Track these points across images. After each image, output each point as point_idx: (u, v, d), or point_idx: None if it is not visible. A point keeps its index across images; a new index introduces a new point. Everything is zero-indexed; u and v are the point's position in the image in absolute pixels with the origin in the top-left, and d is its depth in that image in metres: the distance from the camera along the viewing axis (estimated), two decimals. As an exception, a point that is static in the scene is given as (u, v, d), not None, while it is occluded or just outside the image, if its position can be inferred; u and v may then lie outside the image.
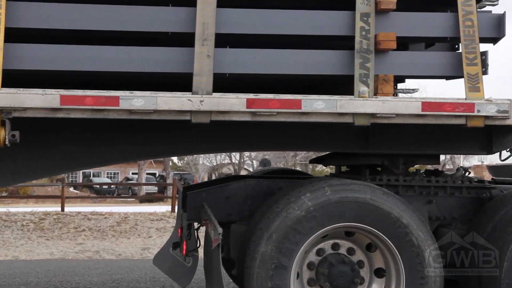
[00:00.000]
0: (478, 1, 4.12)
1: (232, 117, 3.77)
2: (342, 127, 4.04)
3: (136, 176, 40.26)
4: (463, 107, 3.88)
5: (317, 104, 3.77)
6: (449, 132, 4.36)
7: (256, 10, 3.89)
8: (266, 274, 3.83)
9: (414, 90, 5.02)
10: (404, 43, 4.35)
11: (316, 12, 3.94)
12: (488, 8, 4.39)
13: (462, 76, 3.97)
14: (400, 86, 5.05)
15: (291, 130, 4.45)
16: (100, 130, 4.35)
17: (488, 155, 4.76)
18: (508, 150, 4.78)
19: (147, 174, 38.65)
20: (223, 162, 47.00)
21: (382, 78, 3.87)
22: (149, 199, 29.66)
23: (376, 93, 3.86)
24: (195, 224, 5.09)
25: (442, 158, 6.30)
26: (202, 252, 5.16)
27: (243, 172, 39.89)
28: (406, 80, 4.91)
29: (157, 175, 45.79)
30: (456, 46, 4.57)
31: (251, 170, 38.34)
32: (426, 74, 4.16)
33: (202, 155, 37.85)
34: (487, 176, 8.57)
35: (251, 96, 3.73)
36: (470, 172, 4.89)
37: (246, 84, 4.53)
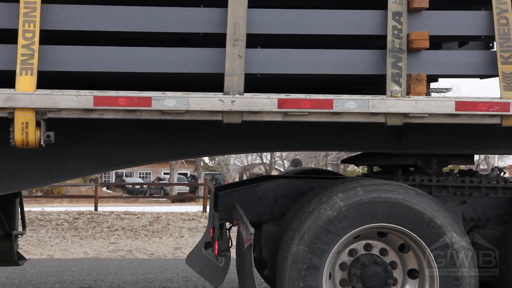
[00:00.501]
0: (513, -2, 4.06)
1: (264, 117, 3.77)
2: (374, 127, 4.01)
3: (168, 176, 40.52)
4: (498, 106, 3.82)
5: (349, 104, 3.75)
6: (483, 131, 4.29)
7: (287, 10, 3.89)
8: (298, 274, 3.82)
9: (447, 90, 4.96)
10: (437, 42, 4.30)
11: (347, 12, 3.92)
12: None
13: (497, 75, 3.91)
14: (432, 85, 5.00)
15: (322, 130, 4.44)
16: (132, 130, 4.39)
17: (524, 155, 4.69)
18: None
19: (179, 174, 38.86)
20: (254, 162, 47.04)
21: (414, 77, 3.83)
22: (181, 199, 29.83)
23: (408, 92, 3.82)
24: (227, 224, 5.10)
25: (476, 158, 6.20)
26: (234, 252, 5.17)
27: (274, 172, 39.86)
28: (439, 79, 4.86)
29: (188, 175, 46.02)
30: (491, 45, 4.50)
31: (282, 170, 38.30)
32: (459, 73, 4.11)
33: (233, 155, 37.91)
34: (523, 176, 8.44)
35: (283, 96, 3.73)
36: (505, 172, 4.81)
37: (275, 84, 4.53)
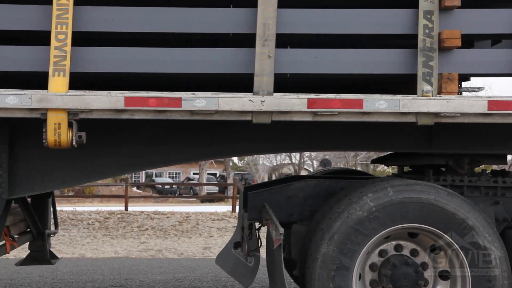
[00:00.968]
0: (548, -5, 3.99)
1: (293, 117, 3.76)
2: (404, 126, 3.98)
3: (197, 176, 40.74)
4: (531, 106, 3.76)
5: (379, 104, 3.73)
6: (517, 131, 4.24)
7: (317, 9, 3.87)
8: (327, 274, 3.81)
9: (479, 89, 4.89)
10: (469, 41, 4.25)
11: (378, 11, 3.89)
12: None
13: (530, 74, 3.85)
14: (464, 84, 4.93)
15: (352, 130, 4.42)
16: (162, 130, 4.42)
17: (558, 155, 4.60)
18: None
19: (208, 174, 39.08)
20: (283, 162, 47.03)
21: (446, 76, 3.79)
22: (210, 199, 29.96)
23: (440, 92, 3.78)
24: (257, 224, 5.10)
25: (509, 158, 6.11)
26: (264, 252, 5.18)
27: (303, 172, 39.79)
28: (471, 78, 4.80)
29: (217, 175, 46.20)
30: (524, 43, 4.43)
31: (311, 170, 38.21)
32: (492, 72, 4.05)
33: (262, 155, 37.93)
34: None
35: (312, 96, 3.72)
36: (539, 173, 4.73)
37: (304, 84, 4.52)
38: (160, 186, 37.22)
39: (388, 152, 5.43)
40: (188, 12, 3.85)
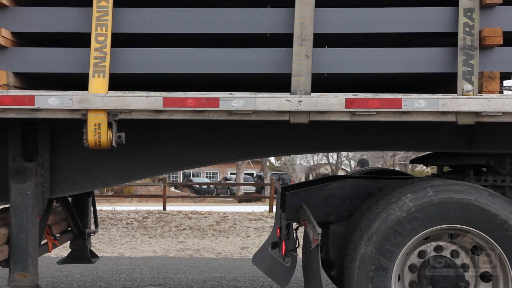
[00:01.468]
0: None
1: (331, 117, 3.75)
2: (444, 126, 3.93)
3: (234, 176, 40.85)
4: None
5: (418, 103, 3.69)
6: (560, 130, 4.14)
7: (355, 9, 3.85)
8: (366, 275, 3.79)
9: (521, 87, 4.80)
10: (511, 39, 4.17)
11: (417, 9, 3.85)
12: None
13: None
14: (506, 83, 4.85)
15: (390, 129, 4.38)
16: (200, 130, 4.45)
17: None
18: None
19: (245, 174, 39.13)
20: (320, 162, 46.88)
21: (487, 75, 3.73)
22: (247, 199, 30.01)
23: (480, 91, 3.72)
24: (294, 224, 5.09)
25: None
26: (301, 252, 5.16)
27: (340, 173, 39.61)
28: (513, 77, 4.71)
29: (254, 175, 46.28)
30: None
31: (349, 170, 38.02)
32: (535, 69, 3.97)
33: (299, 155, 37.89)
34: None
35: (350, 95, 3.70)
36: None
37: (340, 84, 4.50)
38: (197, 186, 37.42)
39: (427, 152, 5.36)
40: (226, 13, 3.86)
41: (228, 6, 3.90)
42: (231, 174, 47.69)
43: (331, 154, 39.55)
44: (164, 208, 18.21)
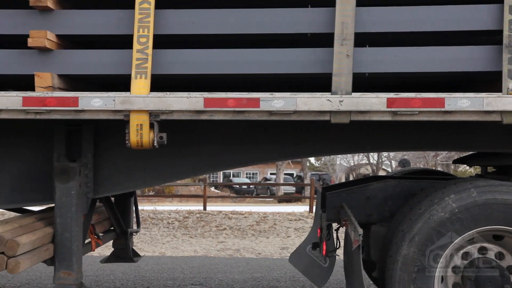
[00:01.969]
0: None
1: (372, 117, 3.72)
2: (488, 125, 3.86)
3: (274, 176, 40.86)
4: None
5: (461, 102, 3.63)
6: None
7: (397, 7, 3.81)
8: (408, 277, 3.74)
9: None
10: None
11: (460, 7, 3.79)
12: None
13: None
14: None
15: (432, 129, 4.32)
16: (240, 130, 4.46)
17: None
18: None
19: (285, 174, 39.11)
20: (361, 163, 46.57)
21: (533, 73, 3.65)
22: (287, 199, 29.99)
23: (526, 89, 3.65)
24: (335, 225, 5.07)
25: None
26: (342, 253, 5.14)
27: (381, 173, 39.26)
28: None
29: (294, 175, 46.20)
30: None
31: (390, 170, 37.63)
32: None
33: (340, 155, 37.68)
34: None
35: (392, 95, 3.66)
36: None
37: (378, 83, 4.46)
38: (237, 186, 37.55)
39: (471, 152, 5.28)
40: (267, 13, 3.86)
41: (268, 7, 3.90)
42: (271, 174, 47.72)
43: (371, 154, 39.25)
44: (205, 208, 18.33)
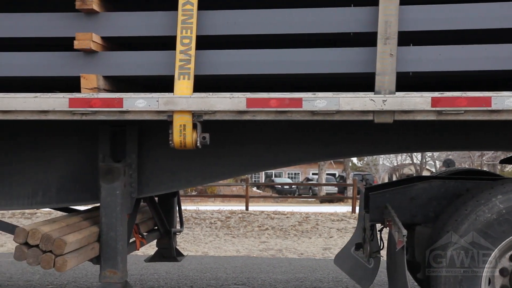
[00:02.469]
0: None
1: (416, 116, 3.67)
2: (537, 125, 3.77)
3: (316, 176, 40.74)
4: None
5: (509, 101, 3.55)
6: None
7: (441, 5, 3.75)
8: (454, 279, 3.68)
9: None
10: None
11: (504, 4, 3.71)
12: None
13: None
14: None
15: (478, 128, 4.25)
16: (283, 130, 4.46)
17: None
18: None
19: (327, 174, 38.92)
20: (404, 163, 46.07)
21: None
22: (329, 199, 29.85)
23: None
24: (378, 225, 5.02)
25: None
26: (385, 254, 5.09)
27: (425, 173, 38.75)
28: None
29: (337, 175, 45.96)
30: None
31: (434, 170, 37.14)
32: None
33: (382, 156, 37.34)
34: None
35: (436, 94, 3.61)
36: None
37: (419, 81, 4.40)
38: (279, 186, 37.51)
39: (518, 152, 5.17)
40: (309, 13, 3.85)
41: (309, 6, 3.89)
42: (313, 174, 47.60)
43: (415, 154, 38.78)
44: (247, 208, 18.37)
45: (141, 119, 3.86)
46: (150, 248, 7.73)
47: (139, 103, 3.79)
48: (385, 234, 4.82)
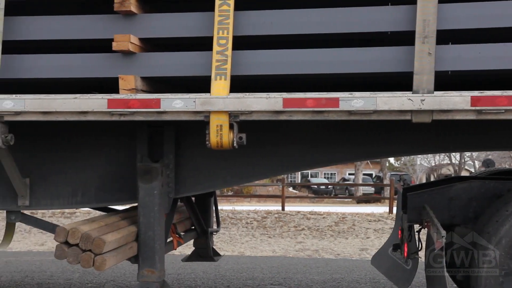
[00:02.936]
0: None
1: (455, 116, 3.62)
2: None
3: (352, 176, 40.47)
4: None
5: (551, 100, 3.48)
6: None
7: (481, 3, 3.69)
8: (495, 281, 3.62)
9: None
10: None
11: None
12: None
13: None
14: None
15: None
16: (320, 131, 4.44)
17: None
18: None
19: (364, 174, 38.66)
20: (442, 163, 45.46)
21: None
22: (366, 199, 29.64)
23: None
24: (416, 226, 4.97)
25: None
26: (423, 255, 5.02)
27: (463, 173, 38.20)
28: None
29: (373, 175, 45.61)
30: None
31: (473, 171, 36.57)
32: None
33: (420, 155, 36.92)
34: None
35: (476, 93, 3.55)
36: None
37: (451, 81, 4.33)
38: (315, 187, 37.42)
39: (561, 152, 5.06)
40: (346, 12, 3.83)
41: (345, 6, 3.86)
42: (349, 174, 47.29)
43: (453, 154, 38.25)
44: (283, 208, 18.36)
45: (178, 119, 3.88)
46: (187, 248, 7.77)
47: (176, 104, 3.81)
48: (423, 235, 4.77)
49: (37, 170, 4.70)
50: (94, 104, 3.89)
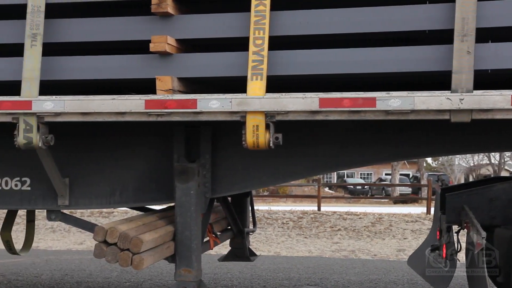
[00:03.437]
0: None
1: (495, 115, 3.56)
2: None
3: (389, 177, 40.13)
4: None
5: None
6: None
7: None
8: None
9: None
10: None
11: None
12: None
13: None
14: None
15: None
16: (356, 130, 4.41)
17: None
18: None
19: (401, 175, 38.27)
20: (481, 163, 44.80)
21: None
22: (403, 200, 29.36)
23: None
24: (455, 227, 4.90)
25: None
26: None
27: (503, 173, 37.57)
28: None
29: (410, 176, 45.13)
30: None
31: (513, 171, 35.92)
32: None
33: (458, 156, 36.43)
34: None
35: (517, 92, 3.49)
36: None
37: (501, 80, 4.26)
38: (352, 187, 37.18)
39: None
40: (384, 11, 3.79)
41: (381, 5, 3.83)
42: (386, 175, 46.91)
43: (493, 154, 37.65)
44: (319, 209, 18.30)
45: (214, 120, 3.90)
46: (224, 248, 7.81)
47: (213, 104, 3.83)
48: (462, 236, 4.70)
49: (76, 170, 4.76)
50: (131, 104, 3.93)
